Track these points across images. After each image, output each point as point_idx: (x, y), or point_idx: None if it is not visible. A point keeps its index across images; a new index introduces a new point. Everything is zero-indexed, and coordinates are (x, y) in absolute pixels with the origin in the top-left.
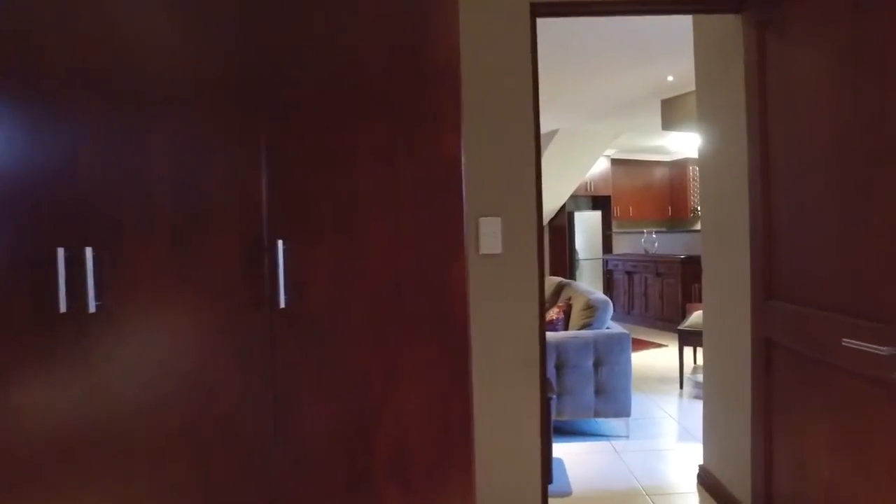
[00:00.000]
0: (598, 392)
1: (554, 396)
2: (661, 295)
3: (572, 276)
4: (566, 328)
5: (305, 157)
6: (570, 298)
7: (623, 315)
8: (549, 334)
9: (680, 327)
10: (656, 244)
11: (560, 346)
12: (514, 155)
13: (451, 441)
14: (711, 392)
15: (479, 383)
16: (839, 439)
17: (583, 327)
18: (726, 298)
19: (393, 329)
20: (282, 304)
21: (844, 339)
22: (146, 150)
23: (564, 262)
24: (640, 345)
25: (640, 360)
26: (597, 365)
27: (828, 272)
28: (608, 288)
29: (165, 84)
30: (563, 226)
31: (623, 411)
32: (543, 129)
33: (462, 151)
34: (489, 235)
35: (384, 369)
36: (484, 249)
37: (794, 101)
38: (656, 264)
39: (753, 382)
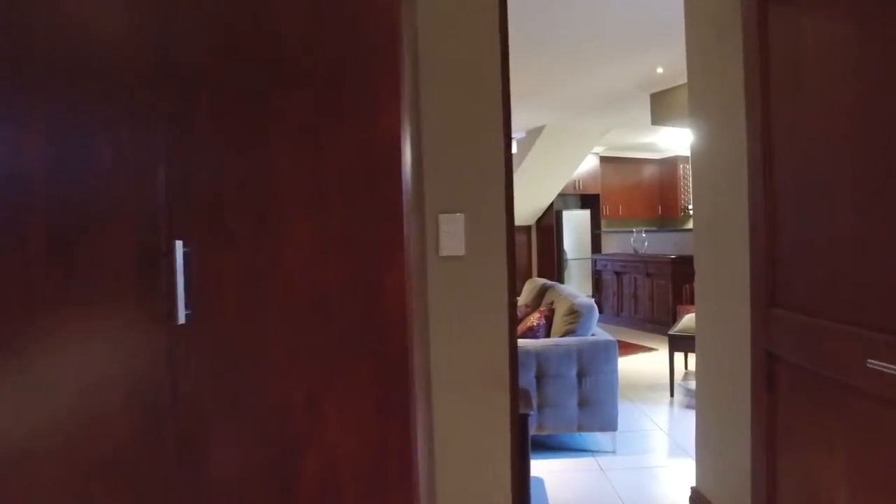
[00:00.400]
0: (581, 404)
1: (533, 412)
2: (651, 296)
3: (560, 276)
4: (548, 335)
5: (211, 143)
6: (552, 303)
7: (612, 317)
8: (529, 342)
9: (670, 332)
10: (646, 244)
11: (541, 355)
12: (481, 143)
13: (388, 482)
14: (705, 406)
15: (440, 402)
16: (861, 473)
17: (566, 334)
18: (721, 303)
19: (319, 350)
20: (181, 319)
21: (870, 361)
22: (18, 135)
23: (552, 262)
24: (629, 349)
25: (629, 365)
26: (581, 375)
27: (844, 277)
28: (597, 289)
29: (42, 57)
30: (550, 225)
31: (609, 425)
32: (530, 124)
33: (403, 128)
34: (451, 235)
35: (308, 398)
36: (445, 251)
37: (802, 78)
38: (646, 264)
39: (753, 401)
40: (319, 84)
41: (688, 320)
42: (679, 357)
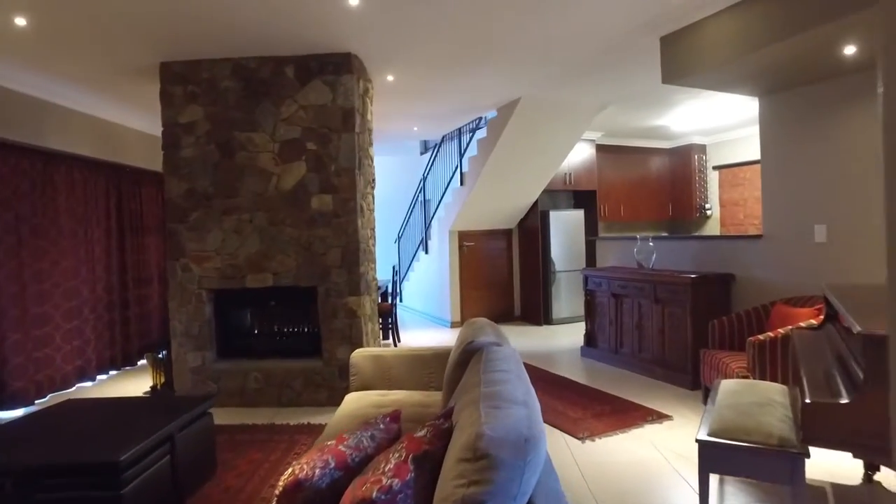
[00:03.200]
0: None
1: None
2: (661, 330)
3: (547, 292)
4: None
5: None
6: (451, 411)
7: (609, 354)
8: None
9: (699, 437)
10: (654, 256)
11: None
12: None
13: None
14: None
15: None
16: None
17: None
18: None
19: None
20: None
21: None
22: None
23: (537, 273)
24: (629, 415)
25: (626, 452)
26: None
27: None
28: (589, 314)
29: None
30: (535, 228)
31: None
32: (500, 98)
33: None
34: None
35: None
36: None
37: None
38: (654, 286)
39: None
40: None
41: (728, 404)
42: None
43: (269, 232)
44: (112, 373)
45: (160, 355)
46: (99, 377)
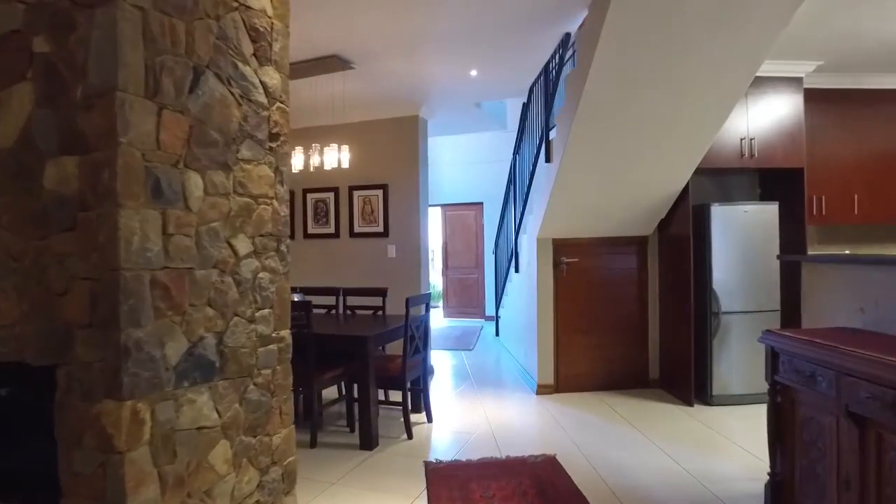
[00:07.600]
0: None
1: None
2: None
3: (702, 347)
4: None
5: None
6: None
7: None
8: None
9: None
10: None
11: None
12: None
13: None
14: None
15: None
16: None
17: None
18: None
19: None
20: None
21: None
22: None
23: (686, 313)
24: None
25: None
26: None
27: None
28: (780, 438)
29: None
30: (683, 235)
31: None
32: None
33: None
34: None
35: None
36: None
37: None
38: None
39: None
40: None
41: None
42: None
43: None
44: None
45: None
46: None
